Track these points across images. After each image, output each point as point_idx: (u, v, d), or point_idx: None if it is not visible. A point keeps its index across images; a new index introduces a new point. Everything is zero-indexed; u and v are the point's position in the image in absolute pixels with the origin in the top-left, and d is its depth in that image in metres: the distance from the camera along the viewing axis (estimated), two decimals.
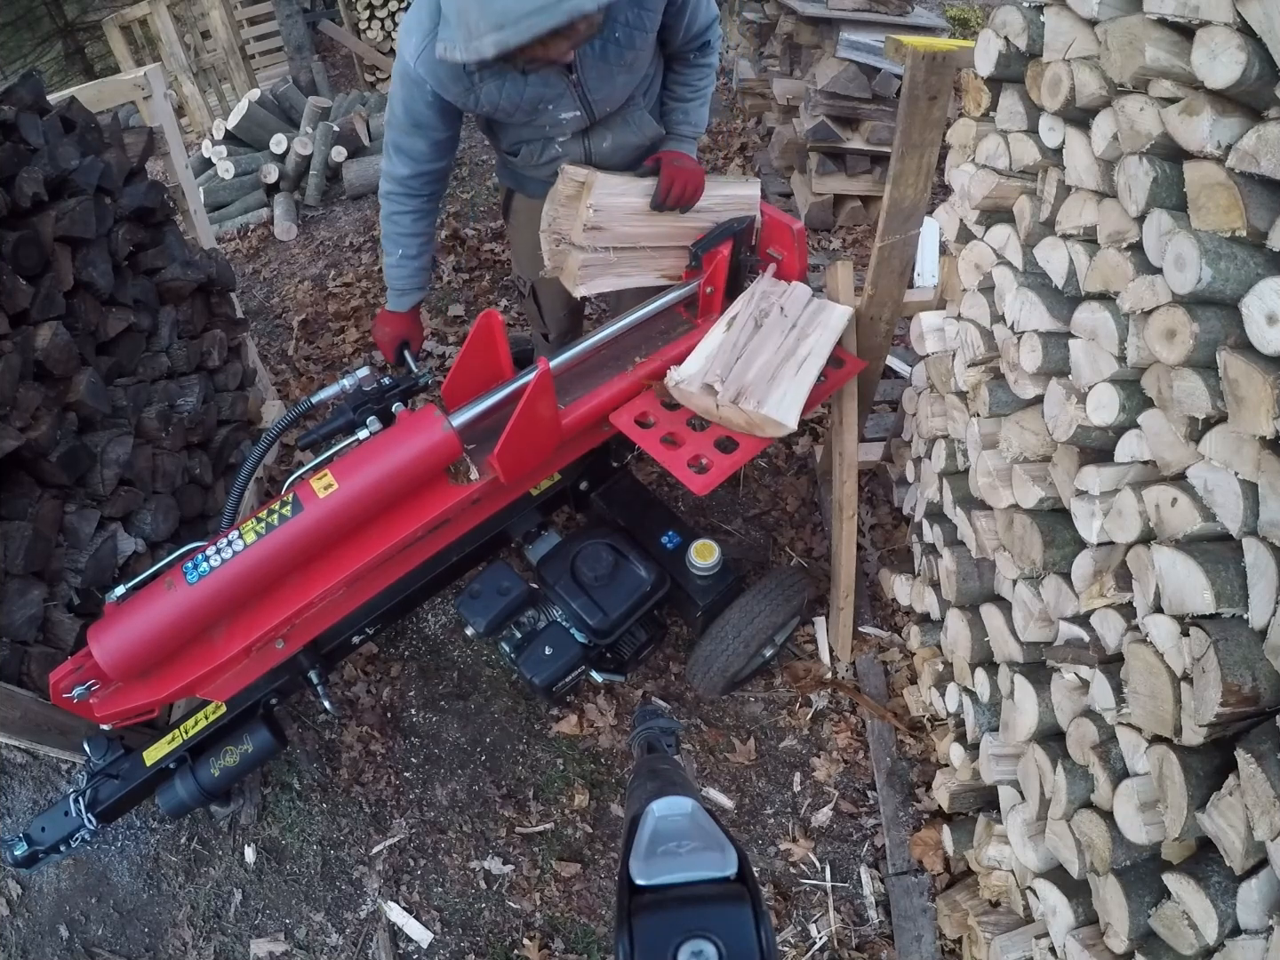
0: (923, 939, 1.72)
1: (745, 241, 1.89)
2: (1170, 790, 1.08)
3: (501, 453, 1.52)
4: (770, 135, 4.16)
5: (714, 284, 1.86)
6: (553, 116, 1.63)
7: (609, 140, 1.76)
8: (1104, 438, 1.28)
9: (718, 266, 1.83)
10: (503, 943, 1.81)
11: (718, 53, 1.85)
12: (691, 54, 1.78)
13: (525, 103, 1.58)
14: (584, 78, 1.57)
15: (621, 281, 1.84)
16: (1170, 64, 1.03)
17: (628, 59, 1.59)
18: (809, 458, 2.70)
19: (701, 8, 1.68)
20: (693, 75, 1.81)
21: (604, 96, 1.64)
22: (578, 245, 1.73)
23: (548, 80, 1.55)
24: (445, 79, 1.53)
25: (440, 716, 2.17)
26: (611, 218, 1.72)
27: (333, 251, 4.06)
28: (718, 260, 1.82)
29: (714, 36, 1.78)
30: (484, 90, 1.55)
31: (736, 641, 1.87)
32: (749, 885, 0.63)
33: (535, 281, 2.16)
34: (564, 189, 1.71)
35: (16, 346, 1.63)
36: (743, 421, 1.63)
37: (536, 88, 1.56)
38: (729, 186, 1.87)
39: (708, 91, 1.86)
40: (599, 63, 1.56)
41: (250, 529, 1.43)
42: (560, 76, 1.55)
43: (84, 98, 2.04)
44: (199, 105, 6.15)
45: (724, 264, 1.83)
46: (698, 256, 1.83)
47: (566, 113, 1.63)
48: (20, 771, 2.16)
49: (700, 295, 1.89)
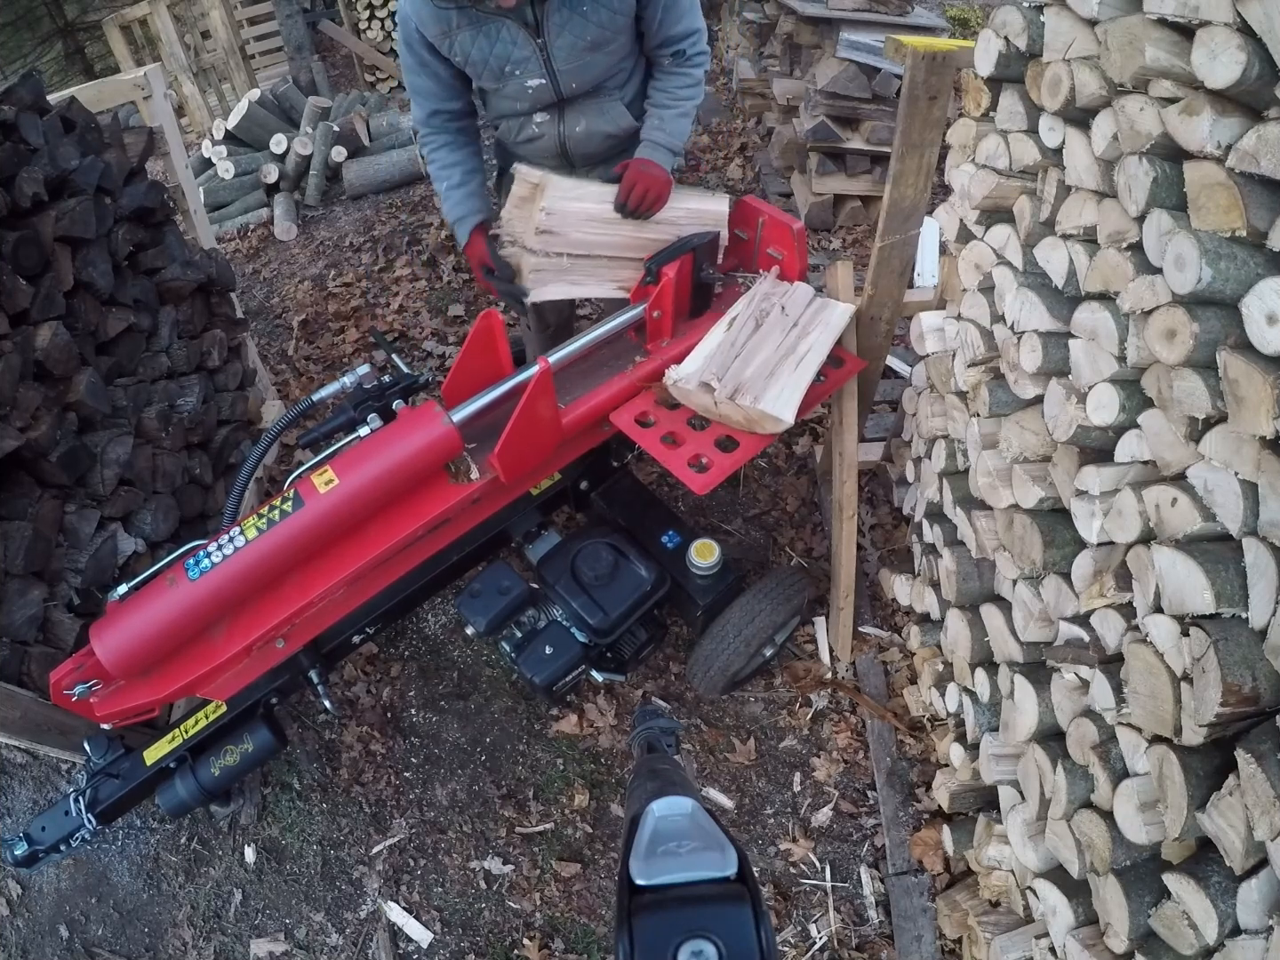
0: (923, 939, 1.72)
1: (708, 258, 1.79)
2: (1170, 790, 1.08)
3: (501, 452, 1.52)
4: (770, 135, 4.16)
5: (661, 307, 1.74)
6: (519, 83, 1.68)
7: (582, 124, 1.81)
8: (1104, 438, 1.28)
9: (664, 289, 1.71)
10: (503, 943, 1.81)
11: (703, 69, 1.82)
12: (667, 58, 1.78)
13: (493, 60, 1.64)
14: (549, 44, 1.62)
15: (575, 290, 1.80)
16: (1170, 64, 1.03)
17: (593, 35, 1.63)
18: (809, 458, 2.70)
19: (681, 11, 1.70)
20: (671, 83, 1.80)
21: (571, 69, 1.67)
22: (529, 249, 1.70)
23: (516, 40, 1.61)
24: (426, 18, 1.61)
25: (440, 716, 2.17)
26: (565, 222, 1.68)
27: (333, 251, 4.07)
28: (664, 283, 1.70)
29: (694, 49, 1.78)
30: (458, 39, 1.62)
31: (737, 641, 1.87)
32: (749, 885, 0.62)
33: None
34: (518, 190, 1.69)
35: (16, 346, 1.63)
36: (741, 418, 1.63)
37: (505, 45, 1.62)
38: (696, 200, 1.80)
39: (689, 105, 1.83)
40: (564, 31, 1.61)
41: (252, 525, 1.43)
42: (528, 39, 1.62)
43: (84, 98, 2.04)
44: (199, 105, 6.15)
45: (670, 286, 1.70)
46: (653, 271, 1.72)
47: (532, 80, 1.68)
48: (20, 771, 2.16)
49: (647, 320, 1.78)
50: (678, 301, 1.78)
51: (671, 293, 1.71)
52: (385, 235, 4.07)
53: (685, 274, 1.75)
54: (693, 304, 1.85)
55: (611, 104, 1.80)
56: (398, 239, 4.01)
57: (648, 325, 1.79)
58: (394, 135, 4.67)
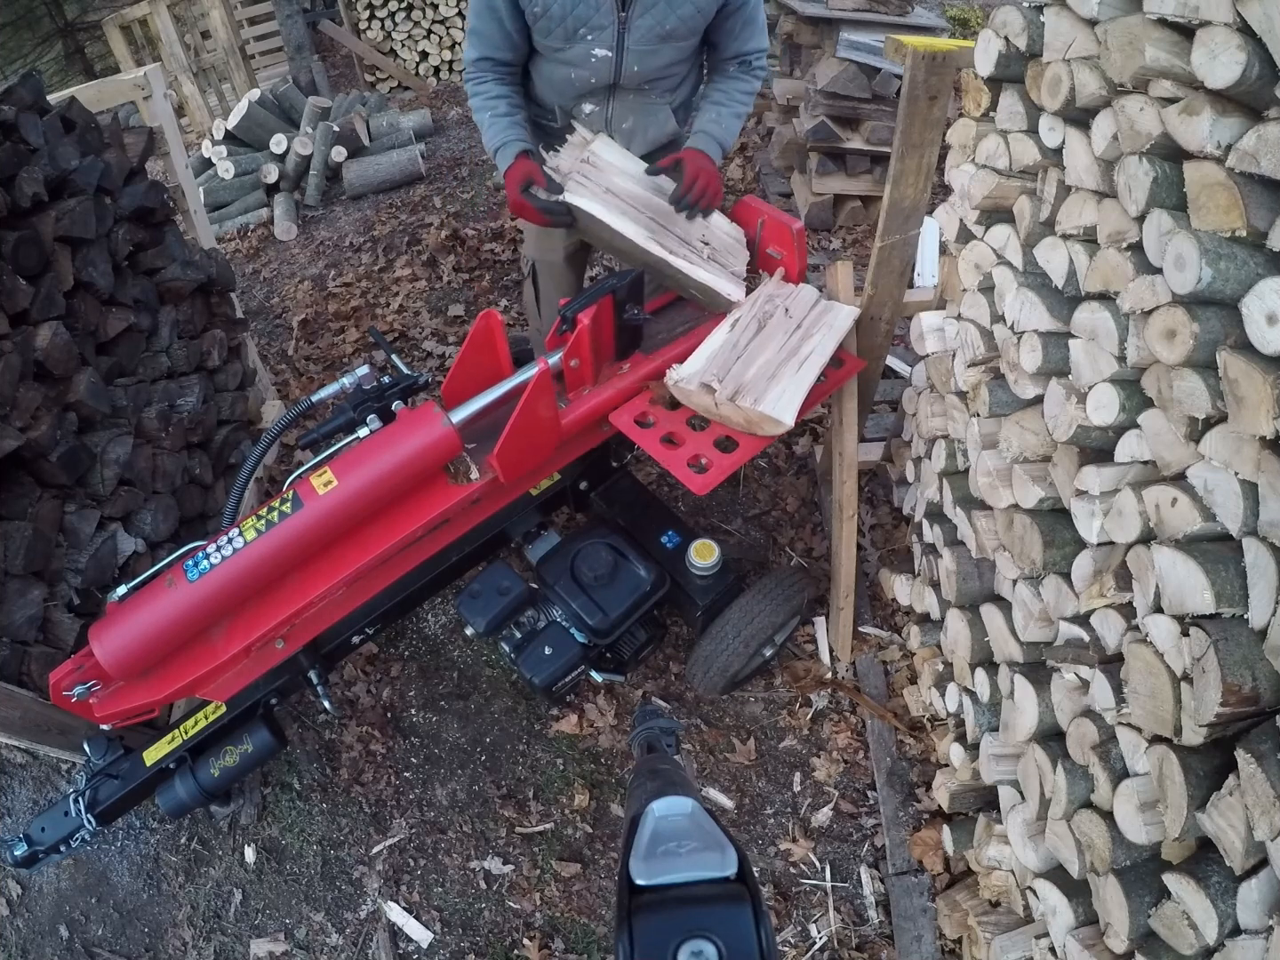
0: (923, 939, 1.72)
1: (633, 299, 1.71)
2: (1170, 790, 1.08)
3: (501, 452, 1.52)
4: (770, 135, 4.16)
5: (579, 355, 1.65)
6: (587, 48, 1.71)
7: (630, 121, 1.88)
8: (1104, 438, 1.28)
9: (579, 337, 1.62)
10: (503, 943, 1.81)
11: (760, 80, 1.93)
12: (733, 66, 1.88)
13: (571, 19, 1.66)
14: (631, 19, 1.67)
15: (609, 214, 1.73)
16: (1170, 64, 1.03)
17: (673, 24, 1.68)
18: (809, 458, 2.70)
19: (756, 25, 1.82)
20: (734, 85, 1.89)
21: (640, 51, 1.72)
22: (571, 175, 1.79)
23: (600, 5, 1.64)
24: None
25: (440, 716, 2.17)
26: (606, 169, 1.79)
27: (333, 251, 4.06)
28: (579, 330, 1.61)
29: (759, 63, 1.89)
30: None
31: (736, 641, 1.87)
32: (749, 885, 0.62)
33: (538, 262, 2.18)
34: (571, 139, 1.84)
35: (16, 346, 1.63)
36: (741, 419, 1.63)
37: (588, 7, 1.65)
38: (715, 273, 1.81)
39: (744, 109, 1.91)
40: (649, 12, 1.66)
41: (250, 526, 1.43)
42: (612, 9, 1.65)
43: (84, 98, 2.04)
44: (199, 105, 6.15)
45: (586, 334, 1.61)
46: (569, 318, 1.63)
47: (600, 49, 1.71)
48: (20, 771, 2.16)
49: (565, 370, 1.68)
50: (597, 347, 1.69)
51: (589, 340, 1.63)
52: (385, 235, 4.07)
53: (605, 318, 1.67)
54: (618, 346, 1.77)
55: (659, 106, 1.86)
56: (398, 239, 4.01)
57: (565, 375, 1.69)
58: (394, 135, 4.67)
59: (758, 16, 1.82)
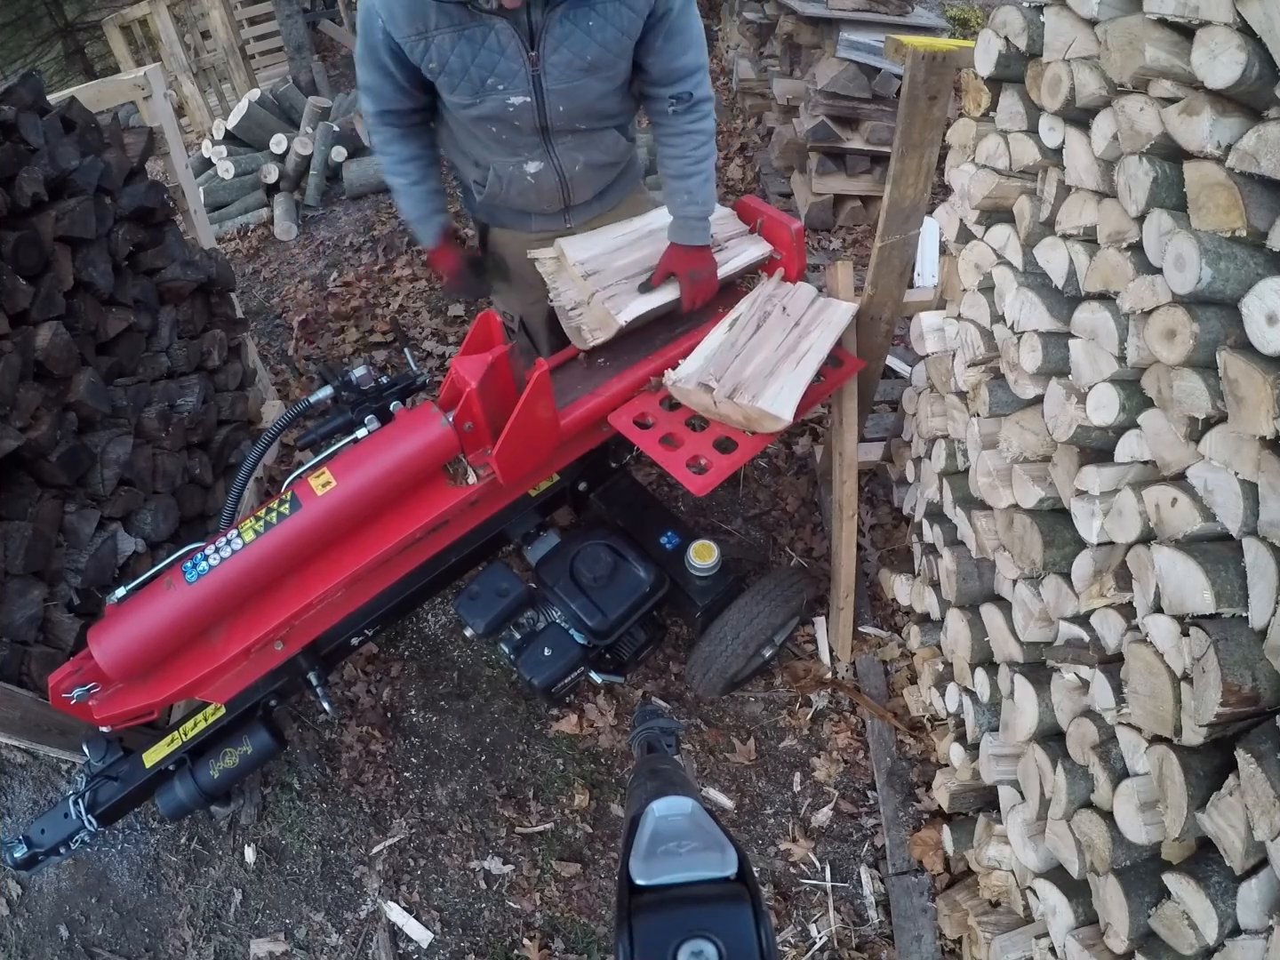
0: (923, 939, 1.72)
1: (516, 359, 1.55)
2: (1170, 790, 1.08)
3: (500, 453, 1.52)
4: (770, 135, 4.16)
5: (471, 418, 1.49)
6: (500, 99, 1.52)
7: (580, 161, 1.70)
8: (1104, 438, 1.28)
9: (468, 399, 1.45)
10: (503, 943, 1.81)
11: (712, 119, 1.69)
12: (669, 104, 1.63)
13: (475, 70, 1.47)
14: (543, 58, 1.46)
15: (656, 298, 1.78)
16: (1170, 64, 1.03)
17: (593, 54, 1.48)
18: (809, 458, 2.70)
19: (686, 42, 1.56)
20: (686, 146, 1.68)
21: (561, 90, 1.52)
22: (589, 299, 1.77)
23: (505, 49, 1.45)
24: (398, 15, 1.41)
25: (440, 716, 2.17)
26: (600, 261, 1.79)
27: (333, 251, 4.06)
28: (466, 395, 1.45)
29: (700, 93, 1.64)
30: (435, 41, 1.43)
31: (736, 642, 1.87)
32: (749, 885, 0.62)
33: (523, 314, 2.14)
34: (545, 270, 1.81)
35: (16, 346, 1.63)
36: (740, 417, 1.63)
37: (491, 54, 1.45)
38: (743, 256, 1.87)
39: (709, 164, 1.71)
40: (563, 47, 1.46)
41: (249, 527, 1.43)
42: (519, 50, 1.45)
43: (84, 98, 2.04)
44: (199, 105, 6.14)
45: (475, 396, 1.44)
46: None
47: (516, 97, 1.52)
48: (20, 772, 2.16)
49: (459, 433, 1.51)
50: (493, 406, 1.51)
51: (478, 401, 1.46)
52: (385, 235, 4.07)
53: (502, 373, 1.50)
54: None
55: (603, 132, 1.69)
56: (398, 239, 4.00)
57: (461, 439, 1.52)
58: None
59: (690, 25, 1.55)
